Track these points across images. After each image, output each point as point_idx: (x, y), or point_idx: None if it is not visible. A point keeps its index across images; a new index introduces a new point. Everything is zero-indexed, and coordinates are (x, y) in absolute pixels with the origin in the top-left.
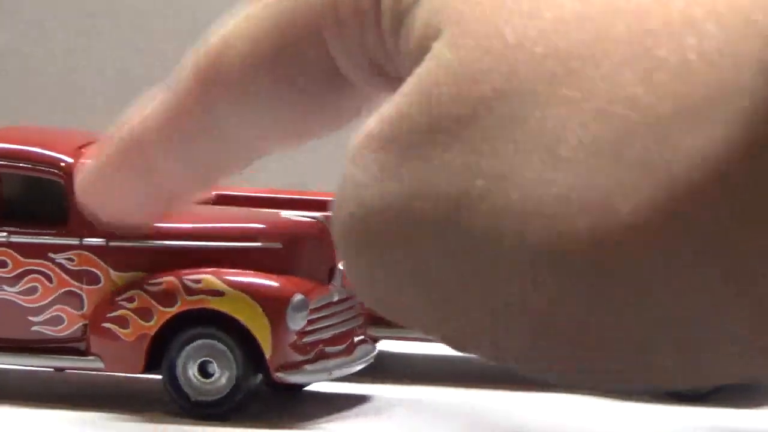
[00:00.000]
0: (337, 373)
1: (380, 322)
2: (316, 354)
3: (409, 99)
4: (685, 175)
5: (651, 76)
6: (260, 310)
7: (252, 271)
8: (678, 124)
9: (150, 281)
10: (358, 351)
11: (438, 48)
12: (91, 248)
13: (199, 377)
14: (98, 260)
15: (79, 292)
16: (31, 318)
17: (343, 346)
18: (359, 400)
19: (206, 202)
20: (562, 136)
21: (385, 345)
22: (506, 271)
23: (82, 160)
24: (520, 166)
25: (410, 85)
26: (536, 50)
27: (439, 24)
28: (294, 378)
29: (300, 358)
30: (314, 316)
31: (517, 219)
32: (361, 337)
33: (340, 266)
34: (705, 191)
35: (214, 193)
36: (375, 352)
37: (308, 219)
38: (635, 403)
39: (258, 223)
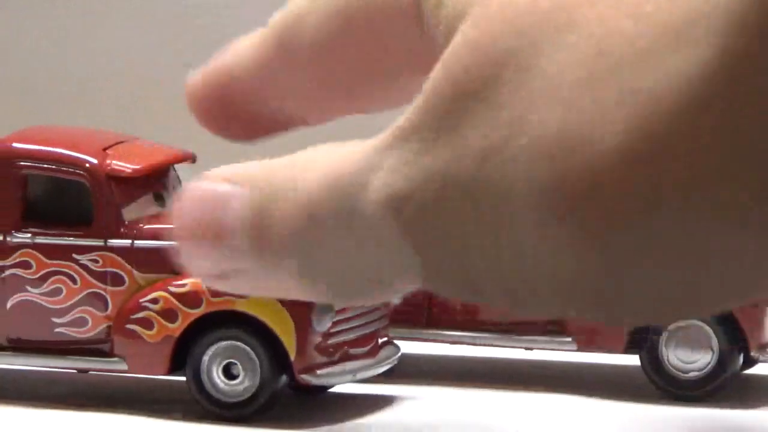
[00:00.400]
0: (362, 375)
1: (399, 324)
2: (340, 356)
3: (438, 77)
4: (668, 98)
5: (639, 9)
6: (285, 311)
7: None
8: (661, 49)
9: (174, 283)
10: (383, 353)
11: (461, 28)
12: (115, 249)
13: (223, 379)
14: (123, 261)
15: (103, 293)
16: (55, 319)
17: (368, 347)
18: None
19: None
20: (563, 77)
21: (406, 346)
22: (518, 221)
23: (107, 161)
24: (528, 111)
25: (437, 68)
26: (543, 6)
27: (464, 9)
28: (318, 380)
29: (324, 359)
30: (339, 318)
31: (526, 164)
32: (385, 338)
33: None
34: (687, 113)
35: None
36: (399, 354)
37: None
38: (635, 403)
39: None
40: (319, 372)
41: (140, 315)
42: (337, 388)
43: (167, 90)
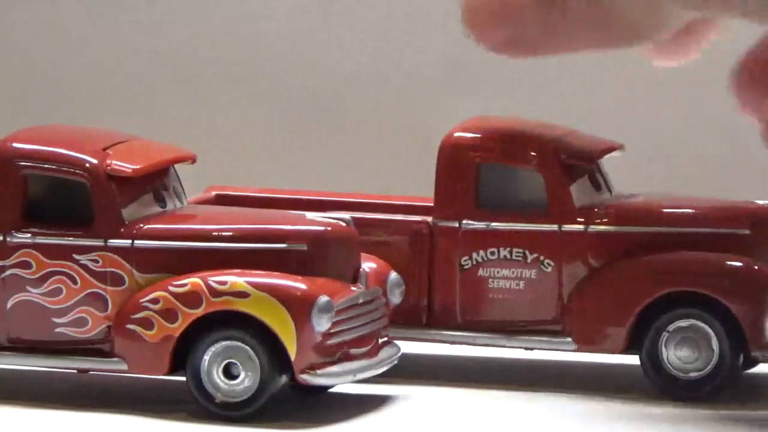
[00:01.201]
0: (362, 375)
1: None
2: (340, 356)
3: None
4: None
5: None
6: (285, 311)
7: (277, 273)
8: None
9: (175, 283)
10: (383, 352)
11: None
12: (115, 249)
13: (223, 379)
14: (123, 261)
15: (103, 293)
16: (55, 319)
17: (368, 347)
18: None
19: (206, 202)
20: None
21: (405, 346)
22: None
23: (107, 161)
24: None
25: None
26: None
27: None
28: (319, 380)
29: (325, 359)
30: (339, 318)
31: None
32: (386, 338)
33: (365, 267)
34: None
35: (213, 193)
36: (399, 354)
37: (334, 220)
38: (636, 403)
39: (284, 224)
40: (319, 372)
41: (140, 315)
42: (337, 388)
43: (167, 89)
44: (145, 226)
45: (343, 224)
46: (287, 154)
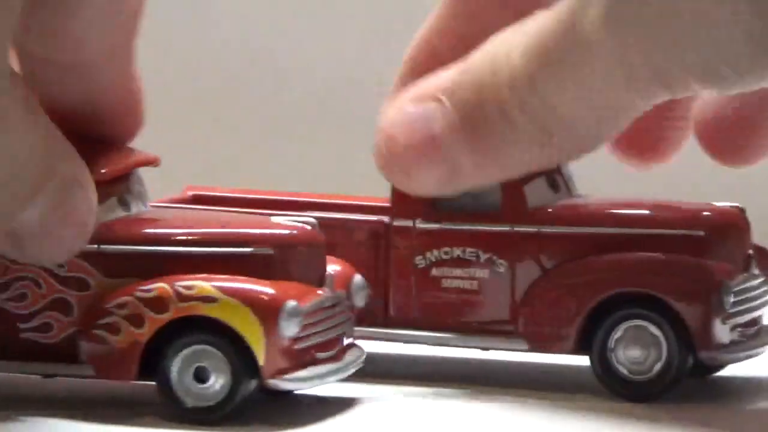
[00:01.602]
0: (330, 379)
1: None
2: (308, 360)
3: None
4: None
5: None
6: (253, 316)
7: (244, 277)
8: None
9: (141, 287)
10: (348, 355)
11: None
12: (81, 254)
13: (194, 383)
14: (88, 266)
15: (68, 298)
16: (20, 324)
17: (334, 351)
18: (350, 402)
19: (183, 202)
20: None
21: (371, 346)
22: None
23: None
24: None
25: None
26: None
27: None
28: (287, 384)
29: (293, 364)
30: (307, 322)
31: None
32: (350, 340)
33: (330, 270)
34: None
35: (190, 193)
36: (364, 356)
37: (299, 223)
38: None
39: (249, 228)
40: (287, 377)
41: (107, 320)
42: (304, 391)
43: (164, 90)
44: (110, 230)
45: (309, 227)
46: (286, 155)
